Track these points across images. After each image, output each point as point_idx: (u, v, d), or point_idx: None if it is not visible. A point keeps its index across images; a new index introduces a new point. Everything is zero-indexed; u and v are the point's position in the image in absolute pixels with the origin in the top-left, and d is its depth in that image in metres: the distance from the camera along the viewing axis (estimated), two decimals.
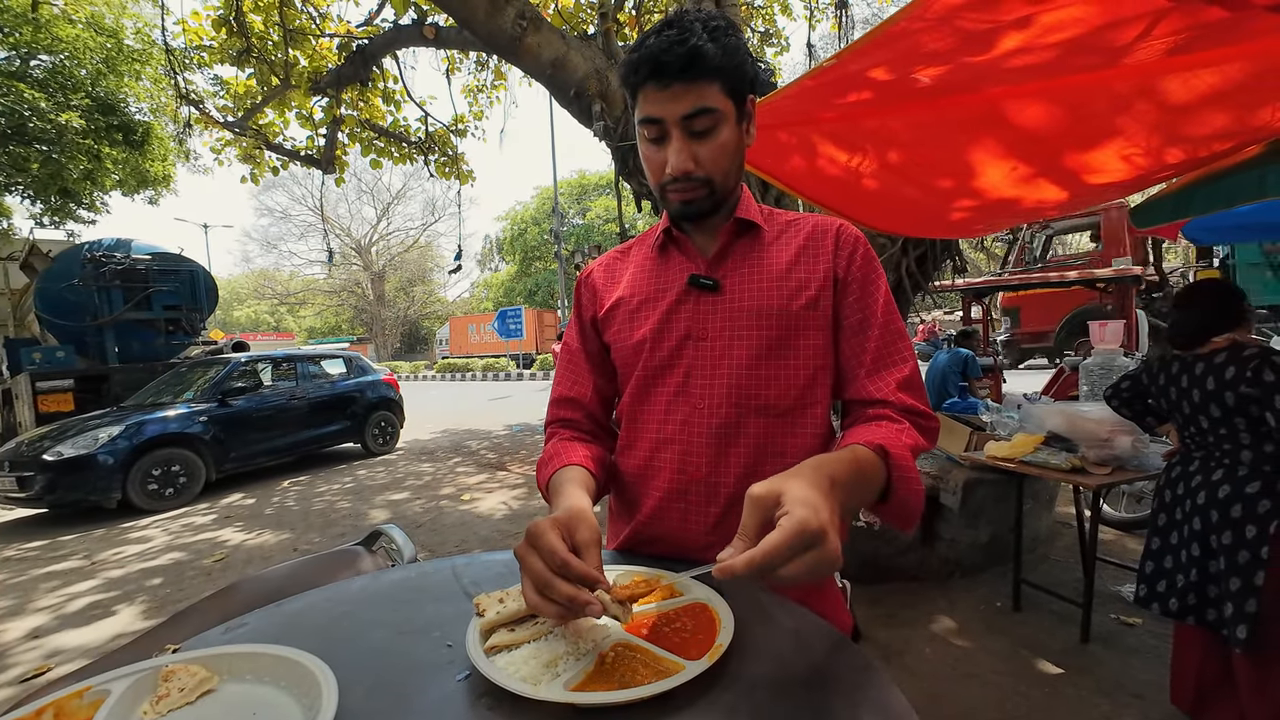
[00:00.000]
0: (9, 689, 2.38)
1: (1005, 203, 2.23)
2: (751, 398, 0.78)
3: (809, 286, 0.79)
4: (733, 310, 0.80)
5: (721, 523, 0.79)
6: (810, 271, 0.80)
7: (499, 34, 3.75)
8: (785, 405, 0.79)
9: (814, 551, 0.47)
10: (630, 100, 0.77)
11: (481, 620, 0.57)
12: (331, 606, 0.68)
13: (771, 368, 0.79)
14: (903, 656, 2.31)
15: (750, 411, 0.78)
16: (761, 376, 0.79)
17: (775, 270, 0.81)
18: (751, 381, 0.78)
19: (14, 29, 8.62)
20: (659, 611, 0.61)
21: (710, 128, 0.74)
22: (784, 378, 0.79)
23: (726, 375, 0.79)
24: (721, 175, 0.77)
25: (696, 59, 0.69)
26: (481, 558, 0.82)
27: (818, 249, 0.81)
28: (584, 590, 0.53)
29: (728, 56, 0.72)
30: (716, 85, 0.72)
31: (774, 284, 0.80)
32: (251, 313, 40.27)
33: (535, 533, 0.56)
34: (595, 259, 0.98)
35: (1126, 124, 1.67)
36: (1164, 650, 2.26)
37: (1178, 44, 1.33)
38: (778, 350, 0.79)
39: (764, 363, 0.78)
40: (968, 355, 4.73)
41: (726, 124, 0.75)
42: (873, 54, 1.57)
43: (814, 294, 0.79)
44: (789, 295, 0.79)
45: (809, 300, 0.79)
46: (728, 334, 0.80)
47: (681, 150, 0.74)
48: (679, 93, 0.71)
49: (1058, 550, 3.28)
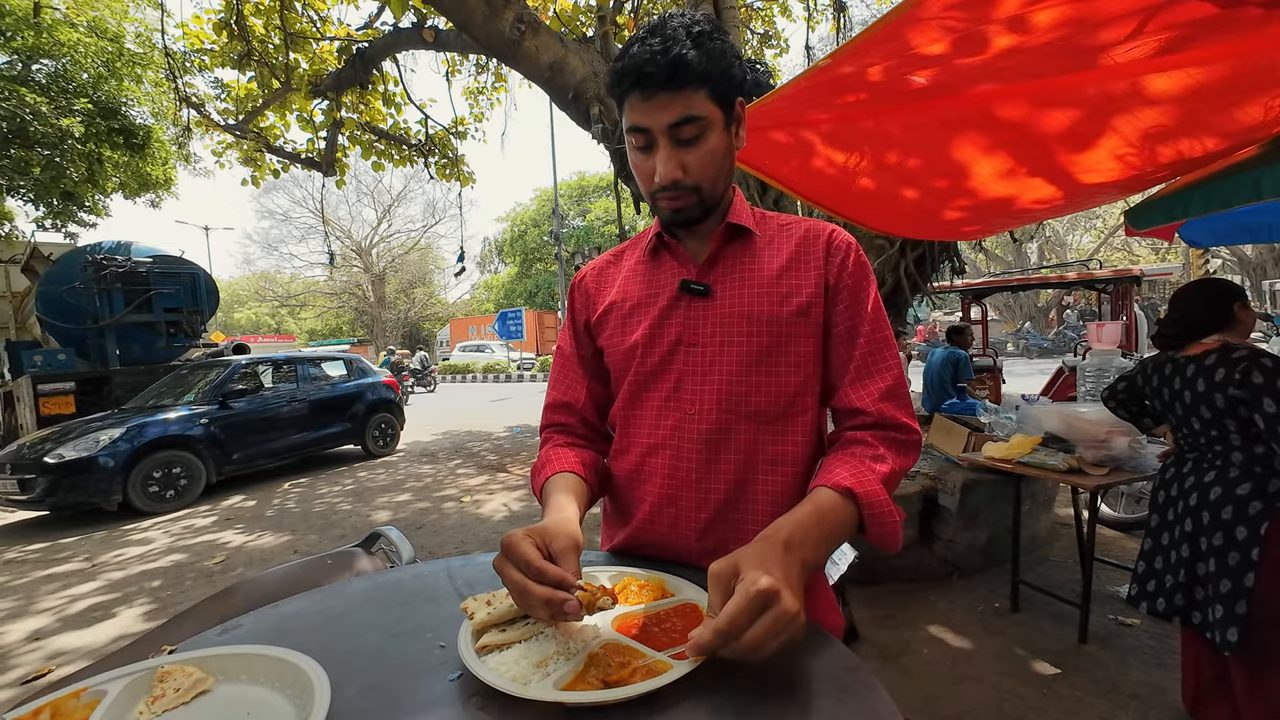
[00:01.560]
0: (10, 690, 2.39)
1: (1000, 202, 2.24)
2: (741, 404, 0.78)
3: (800, 293, 0.79)
4: (724, 316, 0.80)
5: (711, 529, 0.78)
6: (801, 278, 0.80)
7: (497, 37, 3.77)
8: (775, 412, 0.78)
9: (771, 611, 0.49)
10: (618, 108, 0.77)
11: (473, 621, 0.57)
12: (326, 608, 0.69)
13: (761, 374, 0.78)
14: (900, 658, 2.31)
15: (740, 418, 0.78)
16: (751, 383, 0.78)
17: (766, 276, 0.80)
18: (742, 388, 0.78)
19: (16, 33, 8.66)
20: (649, 612, 0.62)
21: (697, 135, 0.73)
22: (774, 384, 0.78)
23: (717, 381, 0.79)
24: (710, 182, 0.77)
25: (680, 68, 0.69)
26: (476, 559, 0.83)
27: (809, 255, 0.81)
28: (559, 592, 0.54)
29: (713, 63, 0.71)
30: (703, 92, 0.71)
31: (765, 290, 0.79)
32: (252, 315, 40.31)
33: (509, 544, 0.59)
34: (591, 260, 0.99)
35: (1119, 123, 1.67)
36: (1162, 651, 2.27)
37: (1169, 42, 1.34)
38: (768, 357, 0.78)
39: (754, 369, 0.78)
40: (960, 358, 4.70)
41: (714, 130, 0.74)
42: (867, 54, 1.57)
43: (805, 301, 0.78)
44: (779, 301, 0.78)
45: (799, 307, 0.78)
46: (718, 340, 0.79)
47: (669, 159, 0.73)
48: (664, 103, 0.71)
49: (1056, 551, 3.28)
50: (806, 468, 0.79)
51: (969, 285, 6.53)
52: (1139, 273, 5.85)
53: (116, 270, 7.18)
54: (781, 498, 0.77)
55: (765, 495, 0.78)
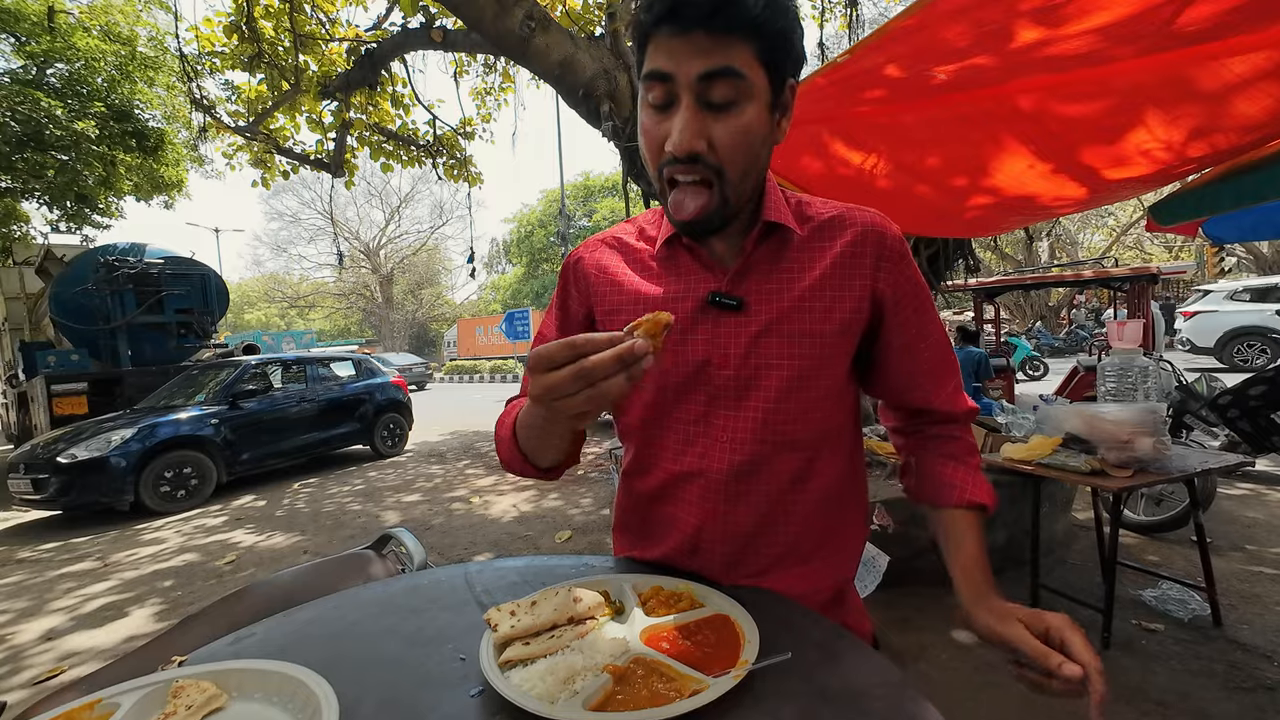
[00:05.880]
0: (23, 692, 2.39)
1: (1021, 200, 2.20)
2: (780, 432, 0.69)
3: (842, 305, 0.69)
4: (758, 335, 0.69)
5: (736, 564, 0.72)
6: (845, 287, 0.69)
7: (507, 35, 3.75)
8: (815, 438, 0.71)
9: (1076, 630, 0.58)
10: (638, 53, 0.62)
11: (496, 633, 0.55)
12: (341, 615, 0.67)
13: (802, 400, 0.69)
14: (919, 663, 2.27)
15: (778, 447, 0.70)
16: (791, 410, 0.69)
17: (807, 284, 0.69)
18: (780, 415, 0.69)
19: (32, 37, 8.76)
20: (678, 623, 0.59)
21: (732, 101, 0.58)
22: (816, 410, 0.70)
23: (753, 410, 0.69)
24: (737, 170, 0.61)
25: (730, 2, 0.54)
26: (495, 564, 0.80)
27: (857, 261, 0.69)
28: (619, 346, 0.45)
29: (773, 12, 0.56)
30: (750, 48, 0.57)
31: (805, 301, 0.69)
32: (262, 316, 40.66)
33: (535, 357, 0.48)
34: (584, 242, 0.83)
35: (1150, 116, 1.63)
36: (1187, 657, 2.21)
37: (1206, 29, 1.29)
38: (810, 379, 0.69)
39: (794, 394, 0.69)
40: (981, 356, 4.67)
41: (754, 102, 0.59)
42: (887, 49, 1.54)
43: (847, 316, 0.69)
44: (822, 315, 0.68)
45: (842, 322, 0.69)
46: (753, 363, 0.69)
47: (691, 121, 0.58)
48: (700, 45, 0.56)
49: (1074, 553, 3.22)
50: (837, 483, 0.75)
51: (982, 284, 6.45)
52: (1156, 270, 5.75)
53: (128, 272, 7.24)
54: (809, 517, 0.73)
55: (794, 518, 0.72)
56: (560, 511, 4.54)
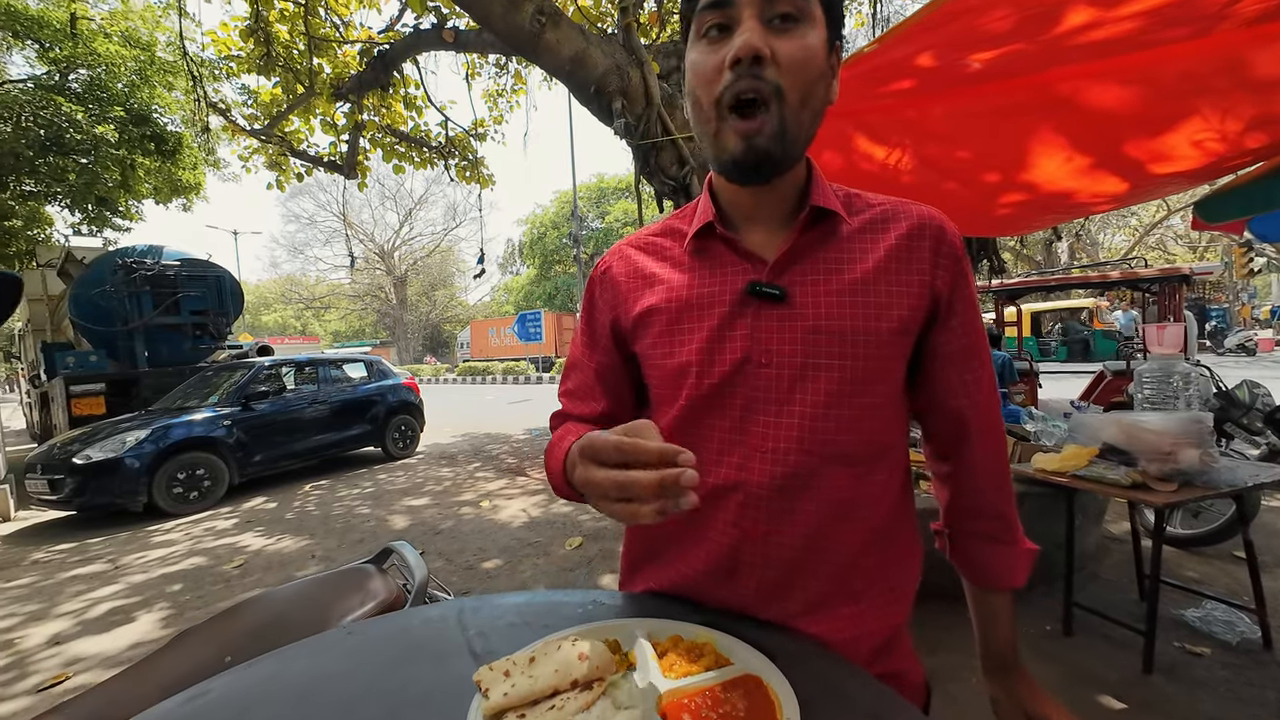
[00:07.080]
0: (26, 700, 2.36)
1: (1057, 196, 2.08)
2: (828, 444, 0.62)
3: (900, 303, 0.62)
4: (806, 331, 0.62)
5: (776, 596, 0.64)
6: (903, 283, 0.62)
7: (517, 31, 3.69)
8: (867, 454, 0.63)
9: None
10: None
11: (487, 703, 0.46)
12: (316, 666, 0.59)
13: (855, 407, 0.61)
14: (946, 685, 2.15)
15: (825, 460, 0.62)
16: (842, 418, 0.61)
17: (858, 278, 0.62)
18: (829, 424, 0.61)
19: (55, 43, 8.91)
20: (703, 686, 0.50)
21: (796, 19, 0.56)
22: (869, 420, 0.62)
23: (798, 415, 0.62)
24: (797, 94, 0.57)
25: None
26: (491, 601, 0.71)
27: (913, 254, 0.63)
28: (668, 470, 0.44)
29: None
30: None
31: (856, 297, 0.62)
32: (279, 317, 41.22)
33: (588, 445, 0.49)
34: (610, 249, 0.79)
35: (1203, 104, 1.51)
36: (1237, 683, 2.07)
37: (1273, 7, 1.18)
38: (864, 385, 0.61)
39: (846, 400, 0.61)
40: (1005, 359, 4.51)
41: (816, 30, 0.57)
42: (918, 38, 1.44)
43: (905, 315, 0.62)
44: (876, 313, 0.61)
45: (901, 322, 0.62)
46: (799, 361, 0.62)
47: (756, 29, 0.55)
48: None
49: (1107, 569, 3.07)
50: (888, 511, 0.66)
51: (1004, 285, 6.26)
52: (1188, 271, 5.53)
53: (145, 273, 7.31)
54: (855, 553, 0.64)
55: (841, 550, 0.64)
56: (570, 517, 4.46)
